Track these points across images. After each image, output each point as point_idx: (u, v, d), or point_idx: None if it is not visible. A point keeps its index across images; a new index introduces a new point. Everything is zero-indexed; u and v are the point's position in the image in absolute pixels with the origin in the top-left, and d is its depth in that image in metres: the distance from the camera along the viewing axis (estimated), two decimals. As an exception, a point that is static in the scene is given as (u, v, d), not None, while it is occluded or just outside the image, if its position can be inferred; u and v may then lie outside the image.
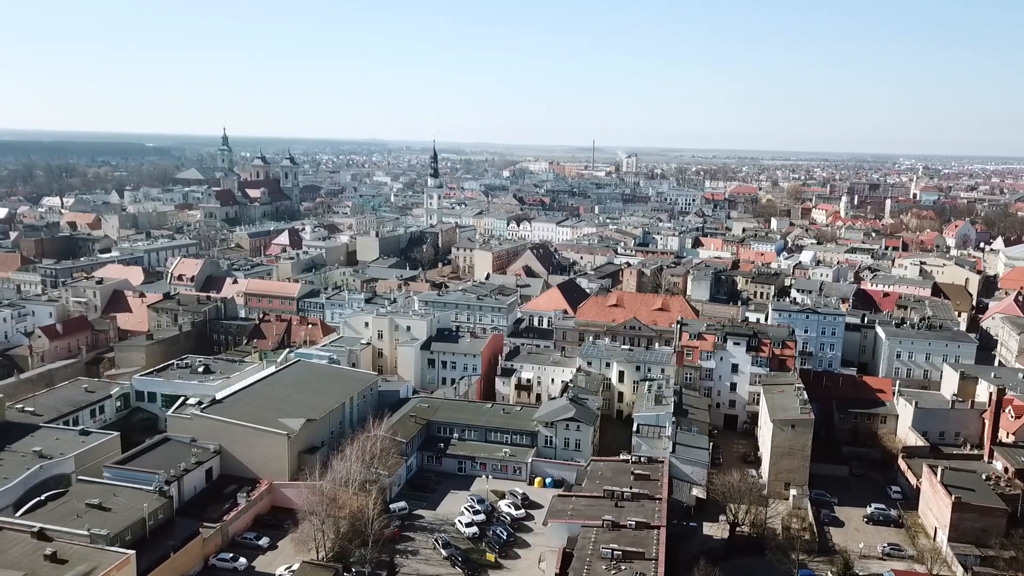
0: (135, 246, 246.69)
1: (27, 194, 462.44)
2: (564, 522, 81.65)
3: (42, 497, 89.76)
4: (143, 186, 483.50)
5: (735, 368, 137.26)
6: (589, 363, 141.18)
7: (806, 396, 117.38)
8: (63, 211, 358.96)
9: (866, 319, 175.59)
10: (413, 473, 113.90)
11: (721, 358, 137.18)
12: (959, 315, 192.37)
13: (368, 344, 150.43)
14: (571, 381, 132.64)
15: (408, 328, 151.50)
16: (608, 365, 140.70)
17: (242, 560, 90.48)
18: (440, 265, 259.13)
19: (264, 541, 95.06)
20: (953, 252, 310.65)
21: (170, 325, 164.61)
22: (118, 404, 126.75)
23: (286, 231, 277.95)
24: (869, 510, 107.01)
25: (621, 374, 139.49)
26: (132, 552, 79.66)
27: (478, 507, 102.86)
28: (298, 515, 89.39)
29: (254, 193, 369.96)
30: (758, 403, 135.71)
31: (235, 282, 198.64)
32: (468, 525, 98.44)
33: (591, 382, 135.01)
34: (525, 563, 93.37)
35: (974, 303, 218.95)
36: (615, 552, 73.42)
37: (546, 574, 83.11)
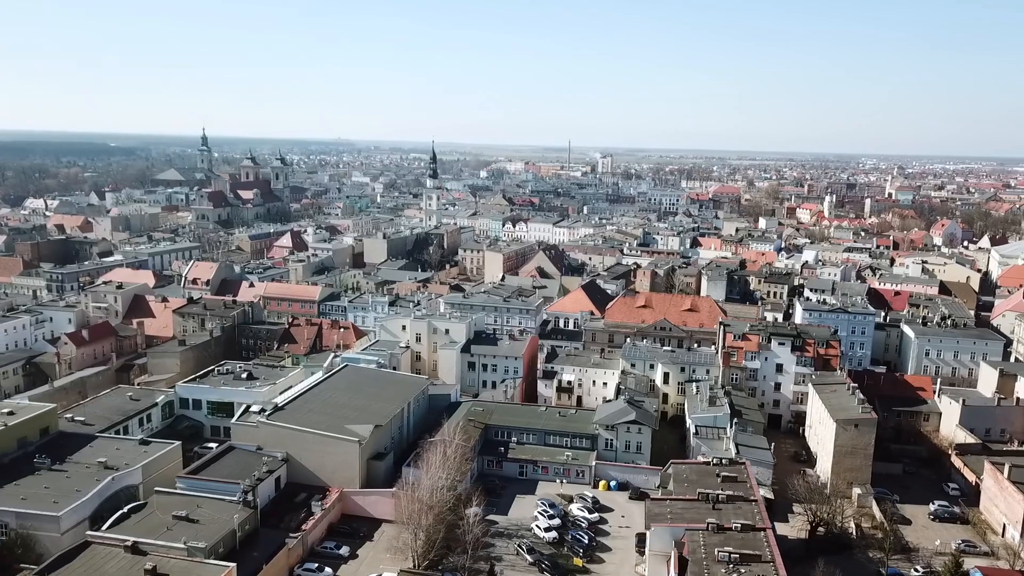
0: (138, 249, 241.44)
1: (2, 195, 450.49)
2: (667, 526, 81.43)
3: (124, 510, 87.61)
4: (122, 187, 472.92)
5: (779, 368, 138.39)
6: (633, 365, 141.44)
7: (862, 395, 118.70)
8: (47, 213, 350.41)
9: (887, 318, 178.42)
10: (475, 478, 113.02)
11: (766, 358, 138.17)
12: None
13: (407, 348, 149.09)
14: (621, 383, 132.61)
15: (447, 331, 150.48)
16: (652, 367, 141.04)
17: (327, 570, 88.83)
18: (448, 267, 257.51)
19: (344, 550, 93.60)
20: (944, 250, 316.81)
21: (196, 330, 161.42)
22: (163, 412, 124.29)
23: (288, 233, 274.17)
24: (932, 507, 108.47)
25: (666, 375, 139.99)
26: (233, 565, 77.94)
27: (551, 511, 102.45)
28: (395, 522, 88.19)
29: (246, 194, 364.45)
30: (802, 402, 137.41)
31: (251, 285, 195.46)
32: (547, 530, 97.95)
33: (639, 384, 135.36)
34: (611, 567, 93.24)
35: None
36: (732, 555, 73.43)
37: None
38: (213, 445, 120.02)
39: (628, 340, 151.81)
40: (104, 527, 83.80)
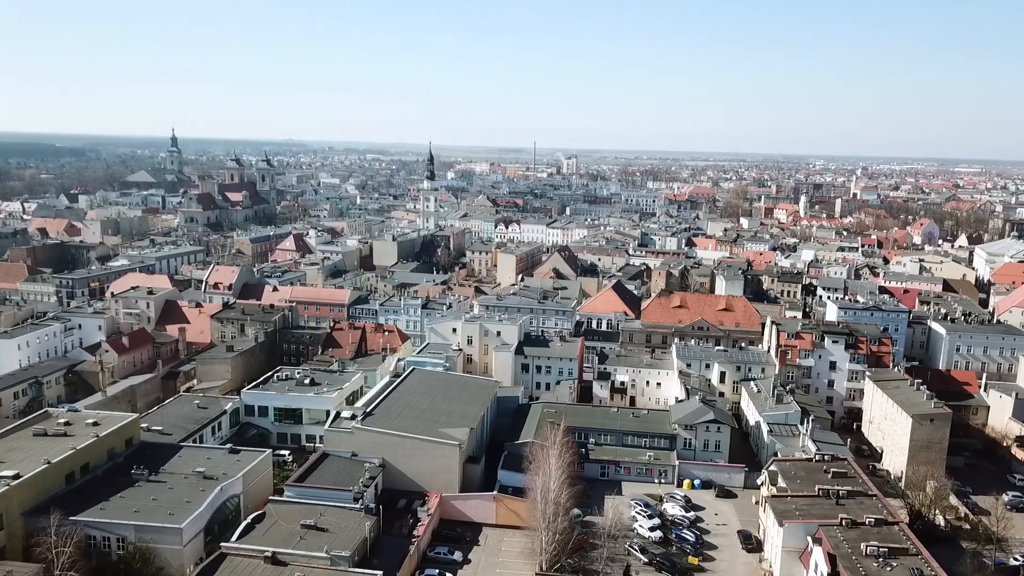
0: (144, 253, 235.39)
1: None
2: (801, 522, 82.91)
3: (248, 520, 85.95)
4: (93, 190, 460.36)
5: (832, 365, 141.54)
6: (688, 365, 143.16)
7: (929, 391, 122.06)
8: (25, 217, 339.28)
9: (910, 315, 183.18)
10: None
11: (820, 356, 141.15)
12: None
13: (460, 350, 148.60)
14: (686, 383, 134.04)
15: (498, 333, 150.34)
16: (708, 366, 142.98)
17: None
18: (456, 269, 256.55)
19: (457, 555, 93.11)
20: (927, 249, 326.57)
21: (236, 336, 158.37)
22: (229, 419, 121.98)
23: (290, 236, 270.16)
24: (1007, 497, 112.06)
25: (722, 374, 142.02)
26: (379, 573, 77.31)
27: (648, 511, 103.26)
28: (527, 527, 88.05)
29: (235, 197, 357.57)
30: (854, 399, 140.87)
31: (275, 289, 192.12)
32: (651, 529, 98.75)
33: (702, 384, 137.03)
34: (723, 564, 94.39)
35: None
36: (880, 549, 75.13)
37: (780, 573, 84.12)
38: (286, 452, 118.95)
39: (679, 340, 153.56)
40: (234, 538, 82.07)
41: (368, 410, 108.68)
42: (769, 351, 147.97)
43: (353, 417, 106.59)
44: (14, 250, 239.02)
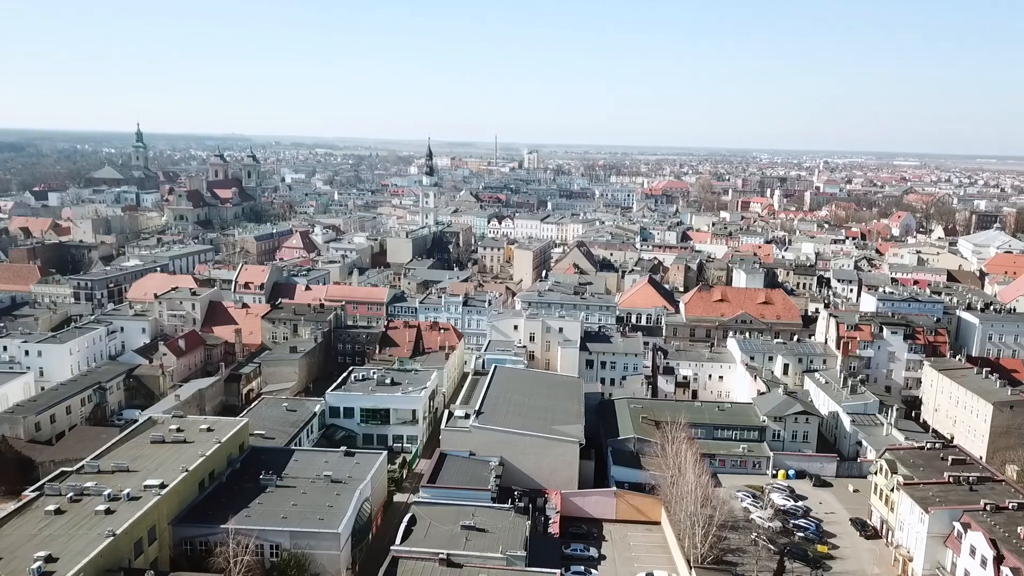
0: (155, 253, 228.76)
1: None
2: (946, 508, 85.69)
3: (404, 523, 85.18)
4: (58, 188, 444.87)
5: (891, 356, 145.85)
6: (752, 358, 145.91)
7: (1003, 379, 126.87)
8: (2, 215, 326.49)
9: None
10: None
11: (879, 347, 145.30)
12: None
13: (524, 347, 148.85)
14: (766, 378, 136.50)
15: (560, 330, 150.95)
16: (771, 359, 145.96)
17: (594, 572, 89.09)
18: (469, 265, 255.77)
19: (592, 552, 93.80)
20: (910, 240, 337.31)
21: (289, 336, 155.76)
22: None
23: (296, 234, 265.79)
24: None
25: (786, 367, 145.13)
26: (558, 572, 77.54)
27: (759, 502, 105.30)
28: (670, 520, 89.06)
29: (224, 194, 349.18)
30: (911, 388, 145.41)
31: (307, 288, 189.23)
32: (770, 519, 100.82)
33: (767, 376, 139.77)
34: (848, 550, 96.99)
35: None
36: (1039, 532, 78.26)
37: (924, 559, 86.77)
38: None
39: (738, 334, 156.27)
40: (399, 542, 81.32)
41: (478, 408, 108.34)
42: (827, 343, 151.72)
43: (467, 416, 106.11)
44: (15, 251, 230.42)
